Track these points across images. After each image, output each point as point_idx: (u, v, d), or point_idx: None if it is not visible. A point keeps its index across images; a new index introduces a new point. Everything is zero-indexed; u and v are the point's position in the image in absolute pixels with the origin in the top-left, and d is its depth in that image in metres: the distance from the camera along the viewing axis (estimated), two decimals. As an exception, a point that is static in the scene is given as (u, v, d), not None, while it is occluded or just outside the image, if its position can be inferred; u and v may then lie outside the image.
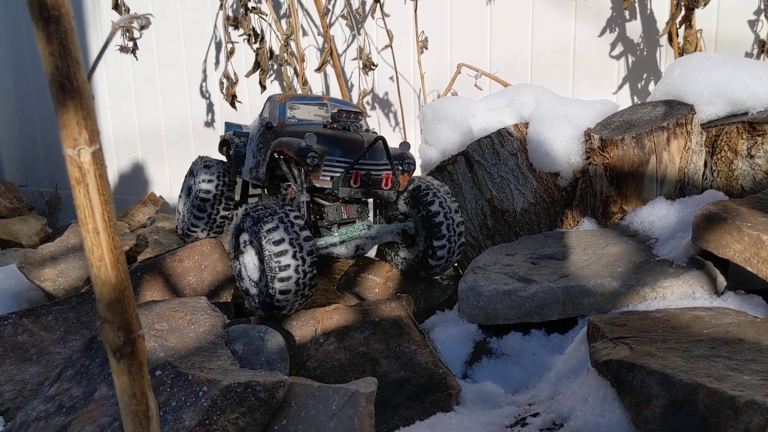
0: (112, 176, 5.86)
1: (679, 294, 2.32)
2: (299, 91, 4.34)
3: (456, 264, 3.29)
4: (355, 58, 4.42)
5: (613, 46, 4.22)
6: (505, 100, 3.15)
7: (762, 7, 3.85)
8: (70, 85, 1.06)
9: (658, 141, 2.71)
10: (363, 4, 4.40)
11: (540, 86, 3.22)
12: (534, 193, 2.96)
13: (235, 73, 4.51)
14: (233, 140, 3.20)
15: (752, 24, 3.92)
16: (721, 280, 2.39)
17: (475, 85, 3.87)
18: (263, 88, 4.42)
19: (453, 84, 3.91)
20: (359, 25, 4.51)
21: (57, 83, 1.05)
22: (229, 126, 3.55)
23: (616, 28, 4.20)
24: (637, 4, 4.10)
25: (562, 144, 2.89)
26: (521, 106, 3.09)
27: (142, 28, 1.51)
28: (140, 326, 1.24)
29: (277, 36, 4.43)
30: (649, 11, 4.09)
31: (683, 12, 3.68)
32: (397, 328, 2.47)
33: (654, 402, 1.67)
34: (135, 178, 5.77)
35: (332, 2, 4.60)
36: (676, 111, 2.78)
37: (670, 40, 3.78)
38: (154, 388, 2.12)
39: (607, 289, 2.38)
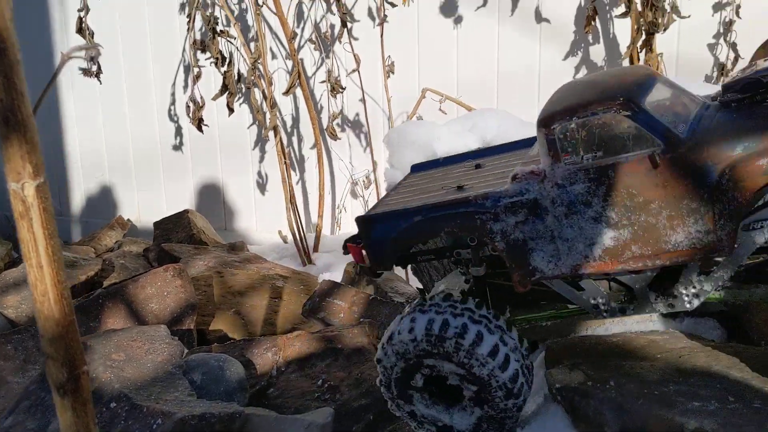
0: (80, 199, 5.80)
1: (638, 318, 2.33)
2: (268, 115, 4.34)
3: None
4: (323, 81, 4.44)
5: (577, 69, 4.28)
6: (468, 125, 3.17)
7: (721, 31, 3.93)
8: (14, 119, 1.04)
9: (617, 165, 2.73)
10: (332, 27, 4.43)
11: (503, 111, 3.25)
12: (497, 217, 2.97)
13: (201, 97, 4.51)
14: (491, 227, 1.77)
15: (712, 47, 4.01)
16: (679, 303, 2.41)
17: (440, 110, 3.90)
18: (231, 110, 4.42)
19: (418, 108, 3.94)
20: (328, 49, 4.54)
21: (1, 116, 1.04)
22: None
23: (580, 52, 4.26)
24: (599, 28, 4.17)
25: (524, 168, 2.91)
26: (484, 130, 3.12)
27: (92, 59, 1.50)
28: (85, 362, 1.21)
29: (245, 59, 4.43)
30: (611, 35, 4.16)
31: (644, 36, 3.75)
32: (360, 355, 2.47)
33: (606, 430, 1.68)
34: (102, 201, 5.71)
35: (301, 26, 4.63)
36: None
37: (632, 63, 3.85)
38: (108, 421, 2.08)
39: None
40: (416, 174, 2.40)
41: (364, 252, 1.99)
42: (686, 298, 1.81)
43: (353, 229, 4.81)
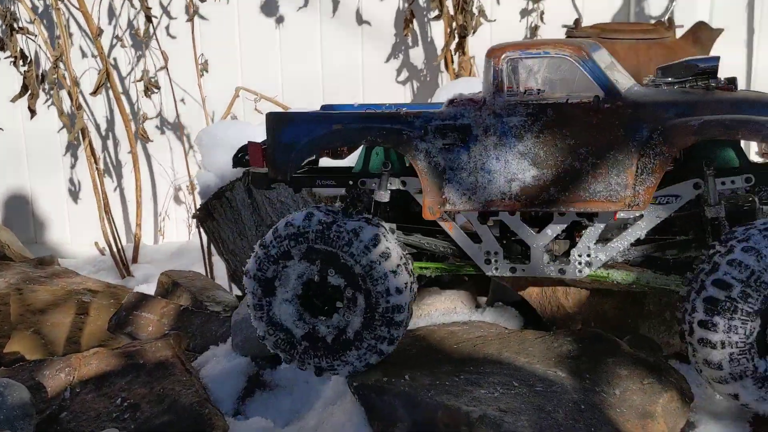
0: None
1: (443, 310, 2.38)
2: (76, 118, 4.03)
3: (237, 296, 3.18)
4: (136, 80, 4.20)
5: (399, 71, 4.36)
6: (282, 124, 3.10)
7: (528, 35, 4.15)
8: None
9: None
10: (147, 25, 4.20)
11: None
12: (313, 218, 2.93)
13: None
14: (416, 145, 1.77)
15: (521, 51, 4.22)
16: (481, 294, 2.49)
17: (255, 109, 3.81)
18: (32, 113, 4.06)
19: (232, 107, 3.82)
20: (144, 47, 4.30)
21: None
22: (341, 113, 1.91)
23: (401, 54, 4.34)
24: (418, 32, 4.26)
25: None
26: (298, 130, 3.06)
27: None
28: None
29: (48, 58, 4.09)
30: (429, 38, 4.27)
31: (457, 39, 3.87)
32: (163, 369, 2.32)
33: (399, 425, 1.67)
34: None
35: (114, 23, 4.35)
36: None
37: (447, 66, 3.96)
38: None
39: (376, 310, 2.38)
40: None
41: (264, 154, 1.90)
42: (578, 266, 1.82)
43: (178, 238, 4.60)
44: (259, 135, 3.10)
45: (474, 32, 3.78)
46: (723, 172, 1.73)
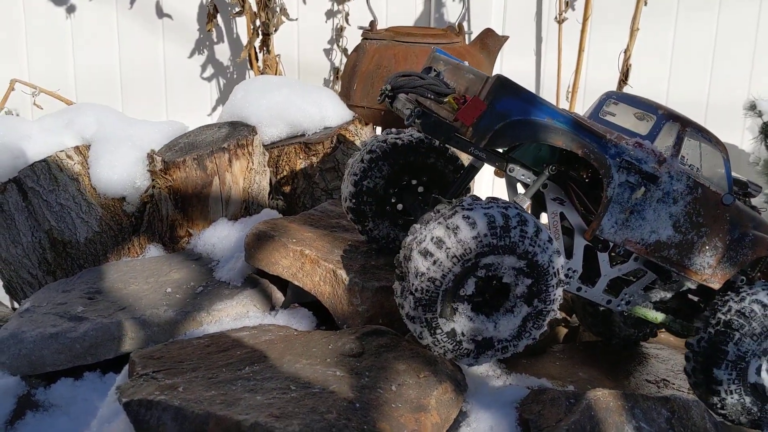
0: None
1: (234, 315, 2.30)
2: None
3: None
4: None
5: (203, 67, 4.21)
6: (64, 121, 2.87)
7: (334, 36, 4.18)
8: None
9: (220, 162, 2.70)
10: None
11: (105, 106, 3.01)
12: (99, 221, 2.73)
13: None
14: (612, 171, 1.87)
15: (328, 52, 4.24)
16: (278, 296, 2.44)
17: (34, 104, 3.51)
18: None
19: (6, 101, 3.48)
20: None
21: None
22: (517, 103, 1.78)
23: (206, 50, 4.19)
24: (223, 28, 4.14)
25: (125, 167, 2.73)
26: (82, 127, 2.85)
27: None
28: None
29: None
30: (235, 34, 4.16)
31: (260, 37, 3.80)
32: None
33: (167, 440, 1.58)
34: None
35: None
36: (238, 132, 2.81)
37: (251, 63, 3.88)
38: None
39: (162, 318, 2.26)
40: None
41: (479, 112, 1.74)
42: (621, 302, 2.09)
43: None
44: (37, 132, 2.85)
45: (276, 30, 3.72)
46: None
